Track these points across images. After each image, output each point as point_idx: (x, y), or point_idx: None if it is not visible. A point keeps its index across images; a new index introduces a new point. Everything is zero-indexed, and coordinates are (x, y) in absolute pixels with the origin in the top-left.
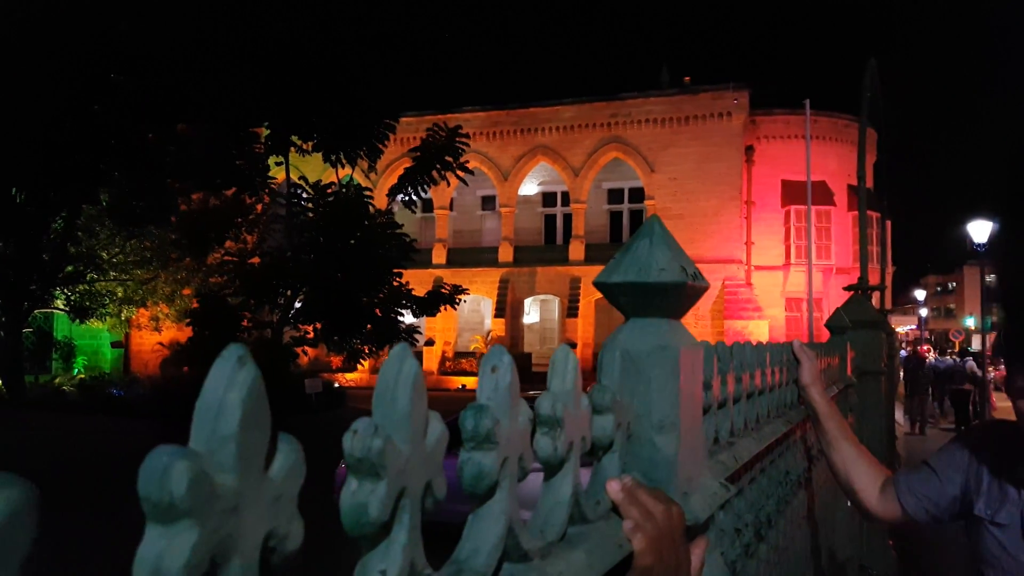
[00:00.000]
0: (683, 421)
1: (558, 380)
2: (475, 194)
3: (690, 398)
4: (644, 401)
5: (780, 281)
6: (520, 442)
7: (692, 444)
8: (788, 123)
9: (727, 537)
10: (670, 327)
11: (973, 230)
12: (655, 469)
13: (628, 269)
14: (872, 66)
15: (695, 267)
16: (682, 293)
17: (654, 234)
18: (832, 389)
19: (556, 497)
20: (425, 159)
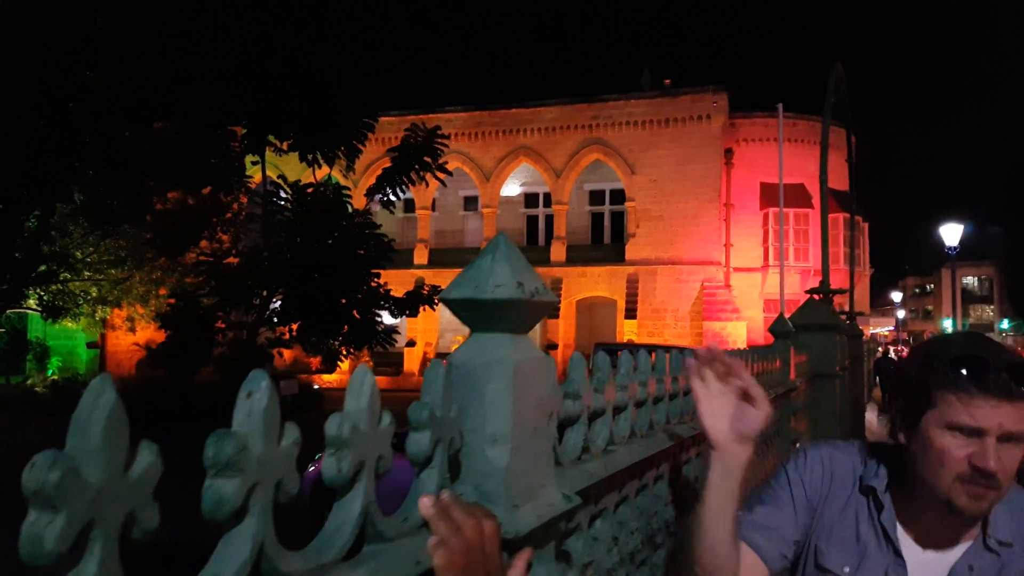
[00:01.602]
0: (519, 433)
1: (353, 400)
2: (457, 194)
3: (529, 410)
4: (479, 415)
5: (758, 283)
6: (281, 465)
7: (532, 455)
8: (767, 126)
9: (602, 545)
10: (511, 341)
11: (945, 233)
12: (487, 481)
13: (466, 285)
14: (837, 69)
15: (539, 283)
16: (521, 309)
17: (497, 251)
18: (769, 393)
19: (343, 517)
20: (403, 160)
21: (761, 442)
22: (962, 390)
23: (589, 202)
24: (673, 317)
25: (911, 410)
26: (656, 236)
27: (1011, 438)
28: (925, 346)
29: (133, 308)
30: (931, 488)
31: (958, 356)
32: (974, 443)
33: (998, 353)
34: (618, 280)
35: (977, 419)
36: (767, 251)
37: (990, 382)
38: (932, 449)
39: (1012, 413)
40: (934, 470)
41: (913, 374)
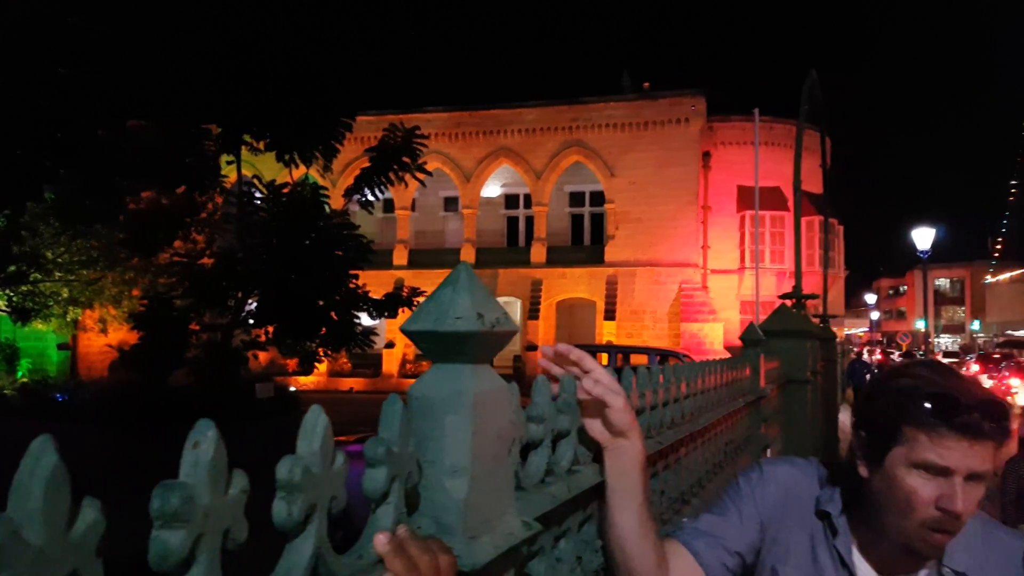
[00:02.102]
0: (479, 464)
1: (305, 442)
2: (437, 195)
3: (489, 440)
4: (438, 447)
5: (735, 284)
6: (228, 514)
7: (492, 485)
8: (744, 129)
9: (565, 566)
10: (472, 372)
11: (917, 237)
12: (446, 514)
13: (426, 317)
14: (812, 77)
15: (499, 313)
16: (481, 341)
17: (458, 282)
18: (739, 402)
19: (294, 559)
20: (381, 159)
21: (732, 450)
22: (933, 429)
23: (569, 204)
24: (651, 319)
25: (877, 444)
26: (635, 238)
27: (976, 477)
28: (894, 378)
29: (105, 309)
30: (893, 528)
31: (931, 394)
32: (941, 484)
33: (969, 390)
34: (597, 282)
35: (946, 459)
36: (744, 253)
37: (962, 422)
38: (899, 488)
39: (980, 453)
40: (899, 512)
41: (882, 408)
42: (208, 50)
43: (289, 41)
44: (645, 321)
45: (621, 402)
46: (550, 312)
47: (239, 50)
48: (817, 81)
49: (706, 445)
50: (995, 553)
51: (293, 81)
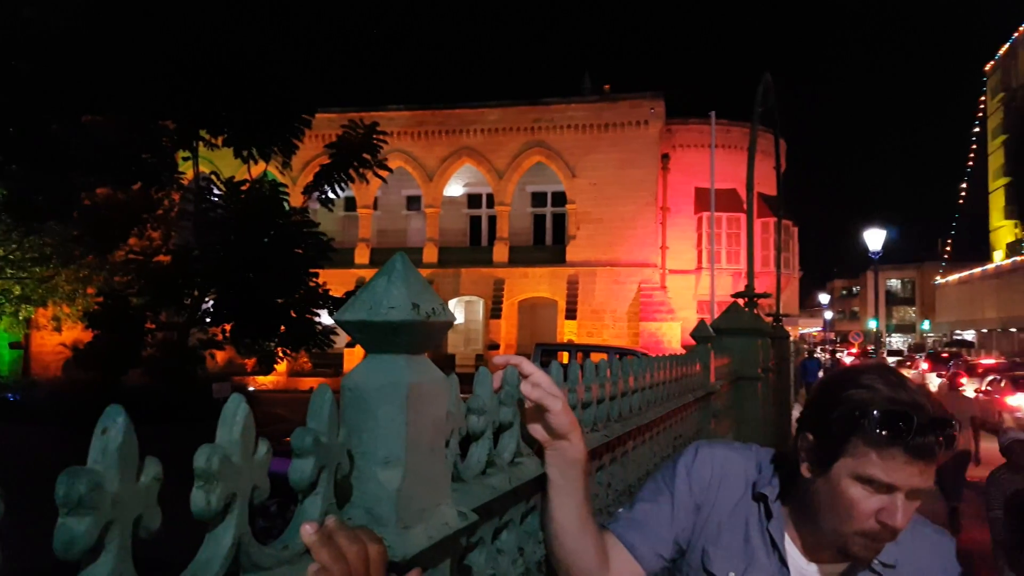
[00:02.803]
0: (415, 455)
1: (225, 430)
2: (400, 194)
3: (425, 431)
4: (372, 438)
5: (692, 284)
6: (140, 502)
7: (428, 475)
8: (701, 132)
9: (506, 557)
10: (407, 362)
11: (869, 238)
12: (378, 505)
13: (360, 307)
14: (767, 79)
15: (436, 304)
16: (416, 331)
17: (393, 271)
18: (688, 397)
19: (214, 549)
20: (341, 156)
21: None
22: (884, 448)
23: (531, 204)
24: (611, 318)
25: (825, 451)
26: (596, 238)
27: (917, 493)
28: (847, 387)
29: (59, 307)
30: (829, 530)
31: (885, 412)
32: (884, 499)
33: (922, 408)
34: (559, 281)
35: (892, 476)
36: (701, 254)
37: (915, 445)
38: (840, 497)
39: (926, 471)
40: (837, 518)
41: (833, 418)
42: (165, 45)
43: (248, 36)
44: (605, 320)
45: (559, 405)
46: (512, 311)
47: (197, 45)
48: (771, 84)
49: (655, 439)
50: (922, 547)
51: (252, 76)
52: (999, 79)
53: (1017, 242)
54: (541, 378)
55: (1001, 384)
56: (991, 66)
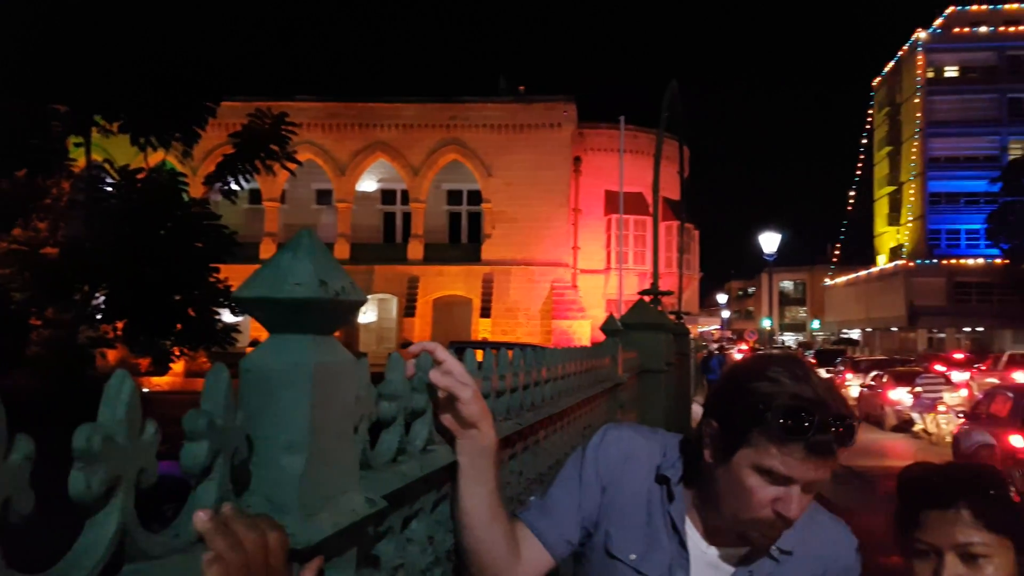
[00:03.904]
0: (320, 440)
1: (108, 410)
2: (309, 187)
3: (331, 415)
4: (273, 422)
5: (602, 284)
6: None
7: (333, 461)
8: (611, 137)
9: (416, 546)
10: (312, 343)
11: (764, 241)
12: (280, 491)
13: (262, 283)
14: (673, 86)
15: (345, 282)
16: (323, 309)
17: (299, 247)
18: (598, 388)
19: (95, 535)
20: (247, 146)
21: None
22: (785, 444)
23: (447, 201)
24: (525, 316)
25: (727, 439)
26: (511, 237)
27: (813, 486)
28: (753, 378)
29: None
30: (728, 515)
31: (788, 408)
32: (780, 490)
33: (825, 405)
34: (474, 279)
35: (791, 470)
36: (610, 254)
37: (815, 442)
38: (739, 485)
39: (824, 467)
40: (736, 504)
41: (737, 408)
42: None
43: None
44: (519, 318)
45: (469, 393)
46: (426, 309)
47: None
48: (677, 91)
49: (566, 428)
50: (819, 534)
51: (152, 59)
52: (885, 94)
53: (898, 247)
54: (453, 366)
55: (883, 379)
56: (878, 81)
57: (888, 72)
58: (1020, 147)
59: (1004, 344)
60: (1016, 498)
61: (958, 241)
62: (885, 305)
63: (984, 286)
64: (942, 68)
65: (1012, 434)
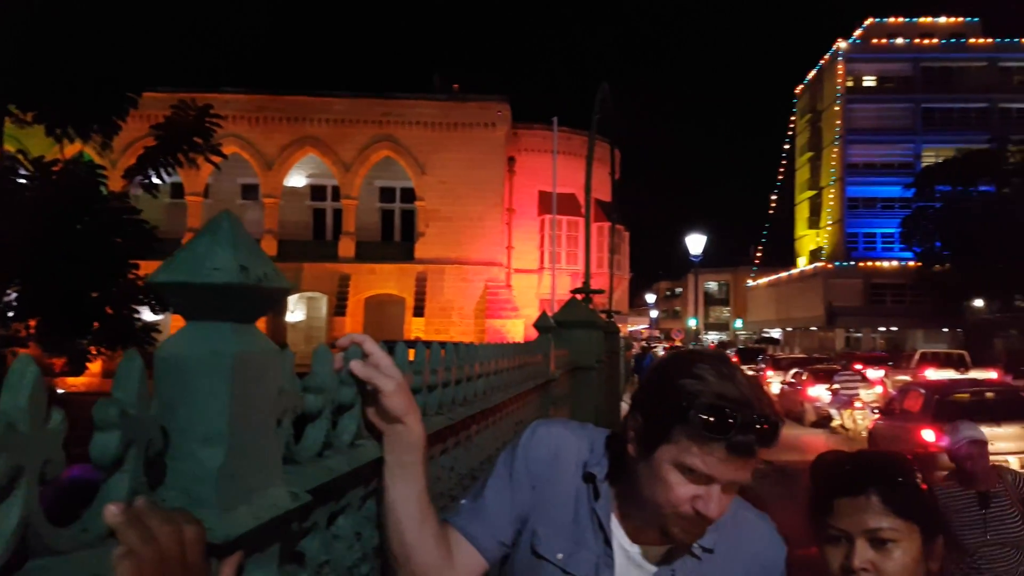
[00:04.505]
0: (240, 432)
1: (10, 395)
2: (235, 182)
3: (253, 406)
4: (190, 413)
5: (535, 283)
6: None
7: (255, 454)
8: (545, 138)
9: (343, 543)
10: (232, 332)
11: (690, 243)
12: (198, 485)
13: (178, 268)
14: (604, 89)
15: (268, 268)
16: (244, 296)
17: (219, 230)
18: (530, 384)
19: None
20: (169, 138)
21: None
22: (705, 441)
23: (380, 199)
24: (459, 315)
25: (650, 433)
26: (445, 236)
27: (734, 485)
28: (679, 374)
29: None
30: (649, 510)
31: (711, 407)
32: (701, 488)
33: (749, 405)
34: (407, 278)
35: (711, 469)
36: (543, 254)
37: (736, 443)
38: (660, 480)
39: (745, 466)
40: (657, 499)
41: (662, 404)
42: None
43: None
44: (453, 317)
45: (393, 386)
46: (358, 308)
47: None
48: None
49: (498, 424)
50: (743, 531)
51: (69, 46)
52: (807, 101)
53: (818, 249)
54: (381, 359)
55: (803, 377)
56: (801, 89)
57: (810, 80)
58: (933, 155)
59: (916, 343)
60: (923, 486)
61: (874, 244)
62: (805, 305)
63: (898, 287)
64: (861, 77)
65: (924, 428)
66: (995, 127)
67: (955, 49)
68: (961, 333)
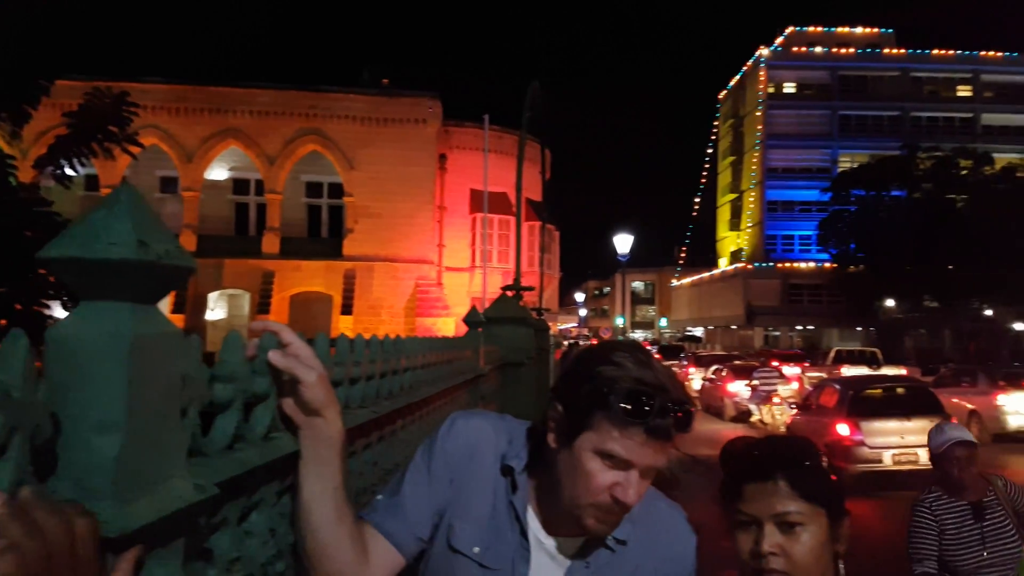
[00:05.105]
0: (139, 420)
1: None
2: (153, 174)
3: (154, 393)
4: (84, 398)
5: (467, 282)
6: None
7: (156, 444)
8: (476, 136)
9: (256, 539)
10: (131, 312)
11: (618, 243)
12: (92, 475)
13: (71, 242)
14: (534, 87)
15: (171, 245)
16: (145, 273)
17: (116, 203)
18: (459, 379)
19: None
20: (83, 127)
21: None
22: (625, 427)
23: (306, 194)
24: (389, 313)
25: (571, 422)
26: (375, 233)
27: (651, 471)
28: (599, 362)
29: None
30: (567, 500)
31: (629, 391)
32: (619, 474)
33: (665, 390)
34: (335, 275)
35: (630, 453)
36: (474, 253)
37: (654, 426)
38: (579, 469)
39: (662, 451)
40: (576, 489)
41: (582, 391)
42: None
43: None
44: (382, 315)
45: (314, 377)
46: (283, 306)
47: None
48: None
49: (425, 419)
50: (655, 523)
51: None
52: (730, 106)
53: (739, 251)
54: (300, 348)
55: (723, 373)
56: (724, 94)
57: (733, 86)
58: (849, 160)
59: (832, 341)
60: (833, 476)
61: (792, 246)
62: (725, 305)
63: (814, 288)
64: (781, 84)
65: (839, 423)
66: (907, 134)
67: (870, 59)
68: (874, 332)
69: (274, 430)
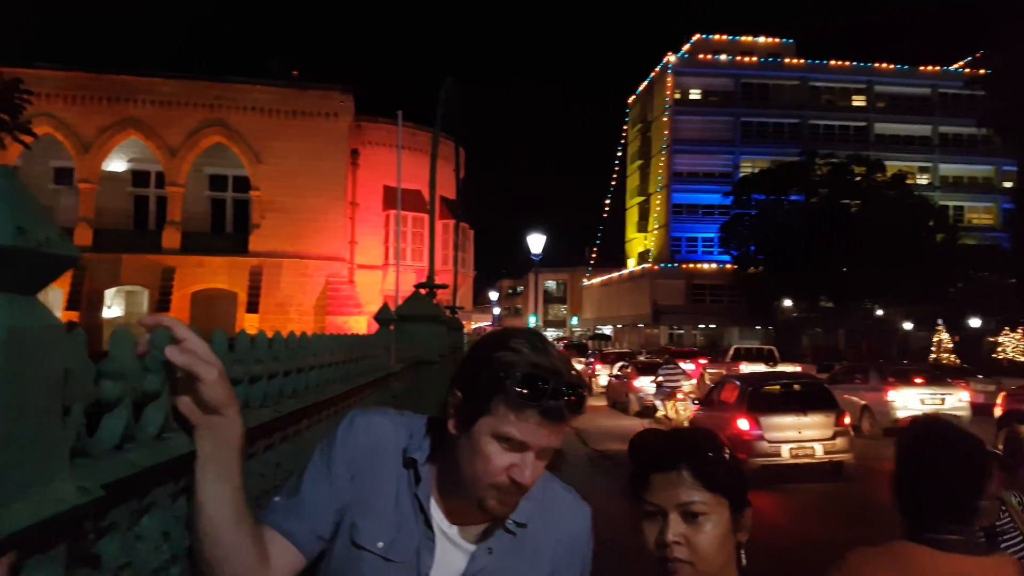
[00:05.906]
0: (14, 417)
1: None
2: (47, 164)
3: (32, 389)
4: None
5: (380, 280)
6: None
7: (35, 444)
8: (390, 132)
9: (147, 544)
10: (7, 303)
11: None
12: None
13: None
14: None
15: (52, 232)
16: (22, 262)
17: None
18: (367, 377)
19: None
20: None
21: None
22: (521, 410)
23: (210, 187)
24: (297, 311)
25: (470, 407)
26: (283, 229)
27: (546, 452)
28: (496, 348)
29: None
30: (468, 485)
31: (525, 376)
32: (515, 456)
33: (560, 374)
34: (240, 272)
35: (525, 435)
36: (388, 250)
37: (548, 408)
38: (478, 453)
39: (556, 432)
40: (475, 473)
41: (480, 377)
42: None
43: None
44: (291, 314)
45: (215, 374)
46: (184, 303)
47: None
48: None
49: (332, 418)
50: (552, 505)
51: None
52: (639, 111)
53: (646, 252)
54: (196, 344)
55: (629, 370)
56: (633, 99)
57: (642, 91)
58: (750, 165)
59: (733, 339)
60: (734, 462)
61: (696, 248)
62: (633, 304)
63: (717, 288)
64: (688, 90)
65: (739, 418)
66: (805, 141)
67: (771, 68)
68: (772, 331)
69: (167, 430)
